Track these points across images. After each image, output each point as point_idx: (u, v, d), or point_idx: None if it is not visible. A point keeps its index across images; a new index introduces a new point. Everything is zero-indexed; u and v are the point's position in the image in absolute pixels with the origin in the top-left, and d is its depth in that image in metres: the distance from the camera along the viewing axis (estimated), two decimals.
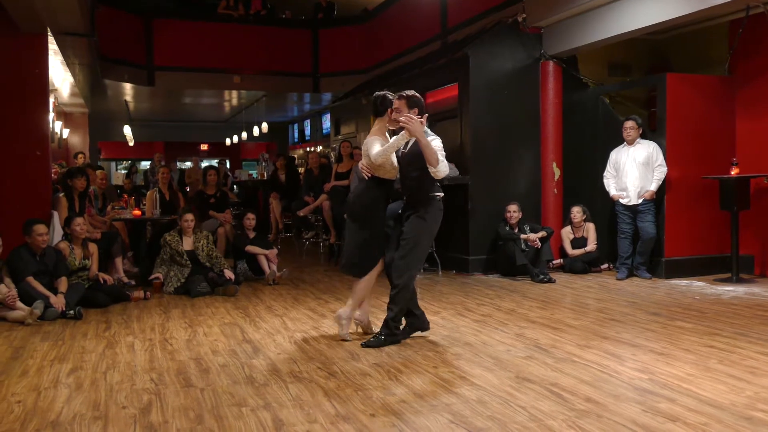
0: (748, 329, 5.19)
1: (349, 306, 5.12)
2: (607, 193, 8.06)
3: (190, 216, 7.47)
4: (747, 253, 7.89)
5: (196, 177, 13.30)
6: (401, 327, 5.01)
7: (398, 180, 5.09)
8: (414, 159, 4.85)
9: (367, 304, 5.25)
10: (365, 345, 4.82)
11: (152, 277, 7.33)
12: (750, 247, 7.92)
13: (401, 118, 4.70)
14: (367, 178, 5.01)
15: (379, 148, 4.85)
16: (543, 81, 8.75)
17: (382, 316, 5.11)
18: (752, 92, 7.98)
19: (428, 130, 4.88)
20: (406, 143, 4.93)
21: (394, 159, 4.95)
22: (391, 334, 4.90)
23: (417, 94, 4.98)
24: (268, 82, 14.71)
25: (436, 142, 4.81)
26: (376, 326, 5.24)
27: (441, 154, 4.78)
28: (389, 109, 4.98)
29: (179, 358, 4.63)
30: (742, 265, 7.64)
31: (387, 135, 5.13)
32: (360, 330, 5.25)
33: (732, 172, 7.46)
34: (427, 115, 4.93)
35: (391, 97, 5.02)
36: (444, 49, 10.32)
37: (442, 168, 4.76)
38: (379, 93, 5.13)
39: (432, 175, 4.79)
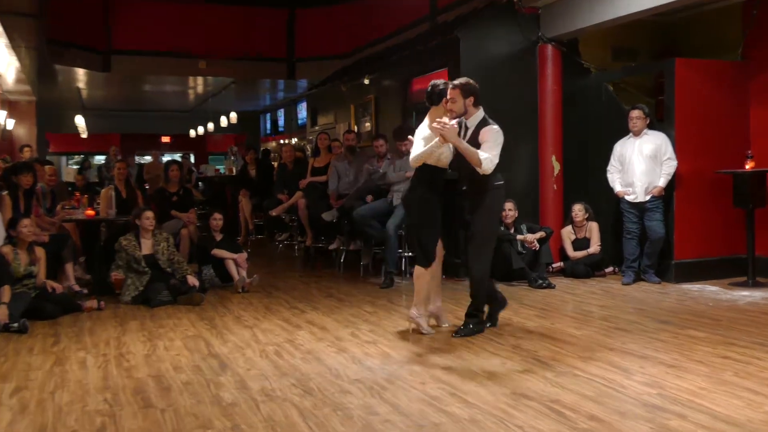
0: (766, 338, 5.21)
1: (416, 306, 5.58)
2: (611, 190, 8.09)
3: (150, 214, 7.40)
4: (764, 254, 7.94)
5: (157, 173, 13.20)
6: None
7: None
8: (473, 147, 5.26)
9: (438, 296, 5.74)
10: (456, 335, 5.39)
11: (113, 276, 7.26)
12: (766, 247, 7.97)
13: (434, 125, 5.17)
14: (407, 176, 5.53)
15: (421, 148, 5.31)
16: (541, 66, 8.76)
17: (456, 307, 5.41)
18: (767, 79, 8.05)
19: (489, 120, 5.39)
20: (465, 131, 5.39)
21: (445, 149, 5.31)
22: (479, 322, 5.53)
23: (471, 81, 5.41)
24: (238, 67, 14.64)
25: (491, 134, 5.25)
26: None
27: (497, 146, 5.25)
28: (444, 99, 5.41)
29: (137, 375, 4.58)
30: (758, 267, 7.69)
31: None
32: (433, 322, 5.73)
33: (746, 166, 7.51)
34: (481, 107, 5.44)
35: (441, 87, 5.45)
36: (433, 31, 10.32)
37: (487, 165, 5.20)
38: (436, 81, 5.54)
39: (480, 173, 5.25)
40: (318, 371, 4.57)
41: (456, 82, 5.40)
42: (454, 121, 5.27)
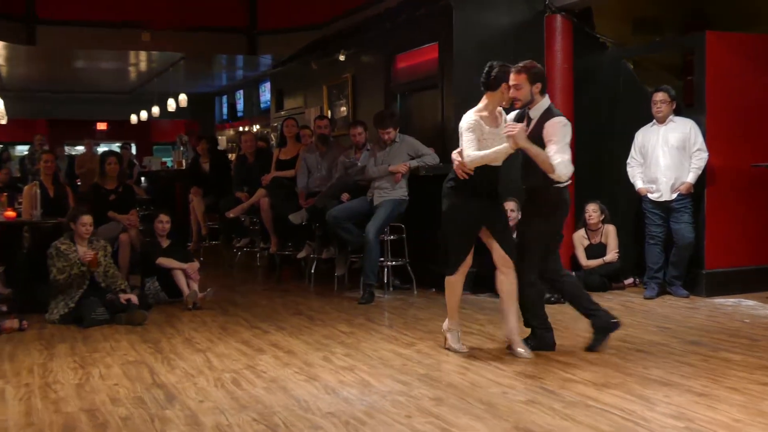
0: None
1: (448, 318, 5.82)
2: (631, 186, 8.15)
3: (88, 219, 7.38)
4: None
5: (91, 166, 13.14)
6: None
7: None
8: (536, 143, 5.40)
9: (511, 314, 5.70)
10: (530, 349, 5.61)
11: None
12: None
13: (505, 131, 5.39)
14: (463, 177, 5.56)
15: (473, 144, 5.46)
16: (548, 41, 8.81)
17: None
18: None
19: (554, 109, 5.58)
20: (528, 122, 5.54)
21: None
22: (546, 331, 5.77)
23: (537, 64, 5.60)
24: (188, 40, 14.59)
25: (559, 130, 5.40)
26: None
27: (566, 144, 5.39)
28: (504, 84, 5.53)
29: (66, 409, 4.55)
30: None
31: (498, 113, 5.71)
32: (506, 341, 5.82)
33: None
34: (547, 95, 5.61)
35: (497, 70, 5.56)
36: None
37: (561, 170, 5.38)
38: (494, 62, 5.65)
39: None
40: (284, 403, 4.57)
41: (521, 65, 5.55)
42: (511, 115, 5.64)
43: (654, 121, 8.01)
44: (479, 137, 5.55)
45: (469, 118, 5.61)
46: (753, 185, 8.07)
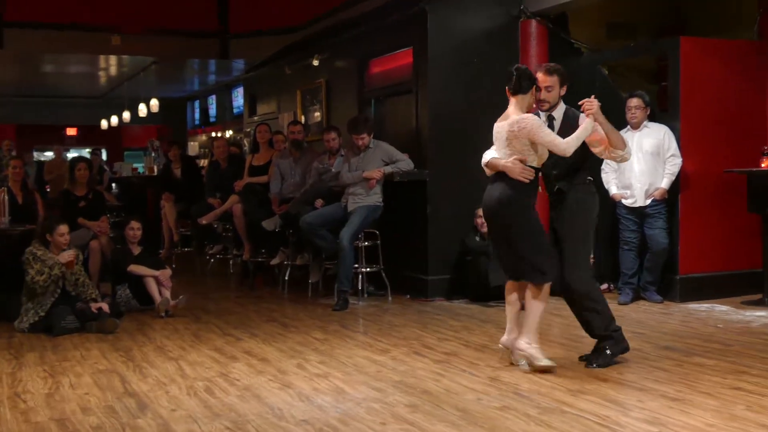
0: None
1: (526, 333, 5.44)
2: (606, 192, 8.22)
3: (65, 229, 7.33)
4: None
5: (60, 172, 13.07)
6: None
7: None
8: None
9: (516, 326, 5.56)
10: (591, 364, 5.44)
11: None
12: None
13: (586, 105, 5.43)
14: (527, 180, 5.39)
15: (549, 134, 5.38)
16: (524, 46, 8.88)
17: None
18: None
19: (571, 108, 5.71)
20: (551, 123, 5.62)
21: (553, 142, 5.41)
22: (617, 342, 5.53)
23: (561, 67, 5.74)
24: (159, 44, 14.51)
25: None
26: None
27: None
28: (534, 87, 5.57)
29: (36, 419, 4.52)
30: None
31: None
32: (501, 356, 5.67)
33: (762, 164, 7.71)
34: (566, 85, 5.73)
35: (523, 73, 5.59)
36: (395, 2, 10.36)
37: (628, 151, 5.81)
38: (521, 66, 5.74)
39: (614, 157, 5.73)
40: (257, 411, 4.57)
41: (552, 67, 5.68)
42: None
43: (628, 126, 8.07)
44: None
45: (530, 118, 5.42)
46: (727, 191, 8.16)
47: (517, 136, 5.38)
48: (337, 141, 8.81)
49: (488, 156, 5.62)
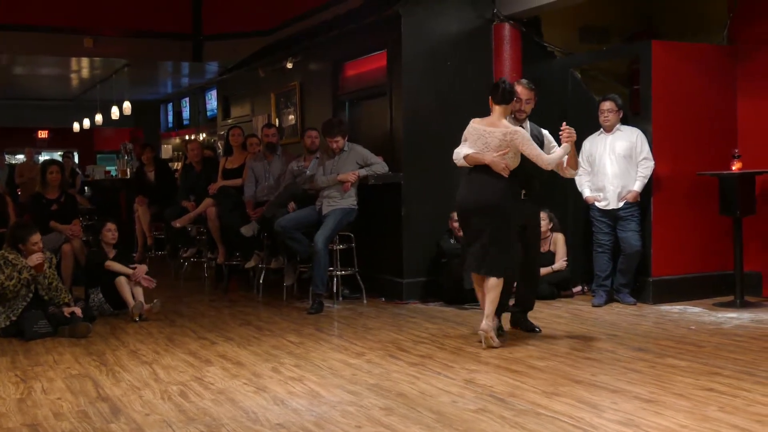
0: (755, 367, 5.42)
1: (486, 317, 6.14)
2: (579, 195, 8.27)
3: (37, 238, 7.26)
4: (753, 269, 8.24)
5: (32, 175, 12.93)
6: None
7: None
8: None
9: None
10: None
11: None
12: (756, 261, 8.28)
13: (567, 132, 6.27)
14: (506, 175, 6.17)
15: (536, 148, 6.22)
16: (497, 49, 8.91)
17: None
18: (757, 64, 8.36)
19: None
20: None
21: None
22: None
23: None
24: (132, 46, 14.43)
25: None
26: None
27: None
28: (516, 99, 6.32)
29: (7, 425, 4.48)
30: (747, 284, 7.97)
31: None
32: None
33: (733, 167, 7.79)
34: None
35: (507, 85, 6.31)
36: (369, 5, 10.38)
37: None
38: (506, 80, 6.47)
39: (565, 174, 6.63)
40: (232, 415, 4.56)
41: (530, 83, 6.54)
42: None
43: (601, 129, 8.14)
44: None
45: (520, 132, 6.21)
46: (699, 193, 8.24)
47: (509, 145, 6.11)
48: (318, 140, 8.81)
49: (465, 151, 6.24)
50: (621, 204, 7.97)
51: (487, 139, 6.16)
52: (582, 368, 5.46)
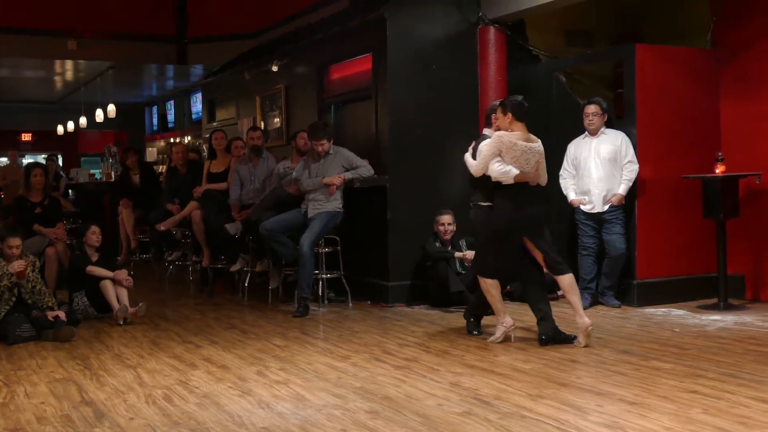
0: (739, 369, 5.45)
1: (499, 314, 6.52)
2: (564, 198, 8.30)
3: (14, 242, 7.22)
4: (736, 272, 8.29)
5: (15, 178, 12.85)
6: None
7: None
8: None
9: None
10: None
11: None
12: (740, 264, 8.33)
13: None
14: None
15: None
16: (482, 53, 8.94)
17: None
18: (740, 68, 8.42)
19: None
20: None
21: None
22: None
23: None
24: (116, 49, 14.40)
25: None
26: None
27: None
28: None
29: None
30: (730, 287, 8.02)
31: None
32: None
33: (717, 170, 7.83)
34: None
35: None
36: (354, 9, 10.39)
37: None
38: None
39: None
40: (217, 419, 4.54)
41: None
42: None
43: (586, 133, 8.17)
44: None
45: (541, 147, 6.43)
46: (683, 196, 8.28)
47: (542, 157, 6.40)
48: (307, 143, 8.80)
49: (514, 171, 6.23)
50: (606, 207, 8.00)
51: (529, 155, 6.25)
52: (567, 371, 5.48)
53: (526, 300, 6.78)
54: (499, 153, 6.24)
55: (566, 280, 6.37)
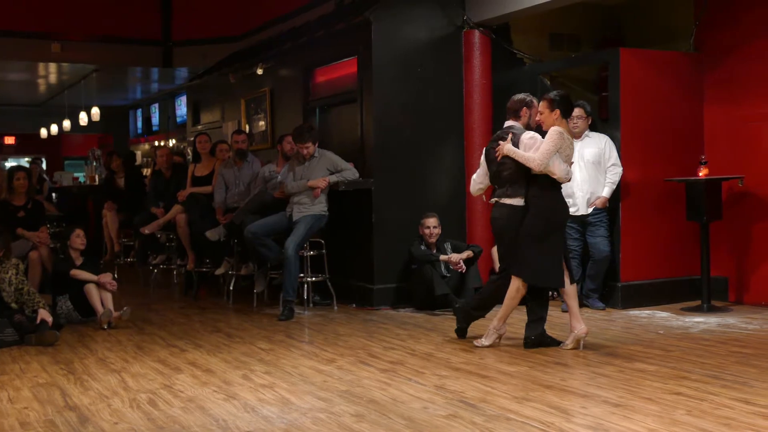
0: (722, 370, 5.48)
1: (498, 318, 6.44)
2: None
3: None
4: (720, 274, 8.34)
5: None
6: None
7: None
8: None
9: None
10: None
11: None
12: (723, 266, 8.38)
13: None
14: None
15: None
16: (467, 56, 8.97)
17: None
18: (723, 72, 8.48)
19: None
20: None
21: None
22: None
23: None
24: (101, 51, 14.36)
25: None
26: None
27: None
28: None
29: None
30: (713, 289, 8.07)
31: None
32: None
33: (700, 173, 7.88)
34: None
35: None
36: (339, 12, 10.40)
37: None
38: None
39: None
40: (202, 423, 4.53)
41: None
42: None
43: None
44: None
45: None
46: (666, 199, 8.33)
47: None
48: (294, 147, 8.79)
49: (568, 167, 6.27)
50: (590, 210, 8.04)
51: (571, 154, 6.29)
52: (552, 373, 5.49)
53: (526, 300, 6.57)
54: (558, 149, 6.14)
55: (572, 287, 6.34)
